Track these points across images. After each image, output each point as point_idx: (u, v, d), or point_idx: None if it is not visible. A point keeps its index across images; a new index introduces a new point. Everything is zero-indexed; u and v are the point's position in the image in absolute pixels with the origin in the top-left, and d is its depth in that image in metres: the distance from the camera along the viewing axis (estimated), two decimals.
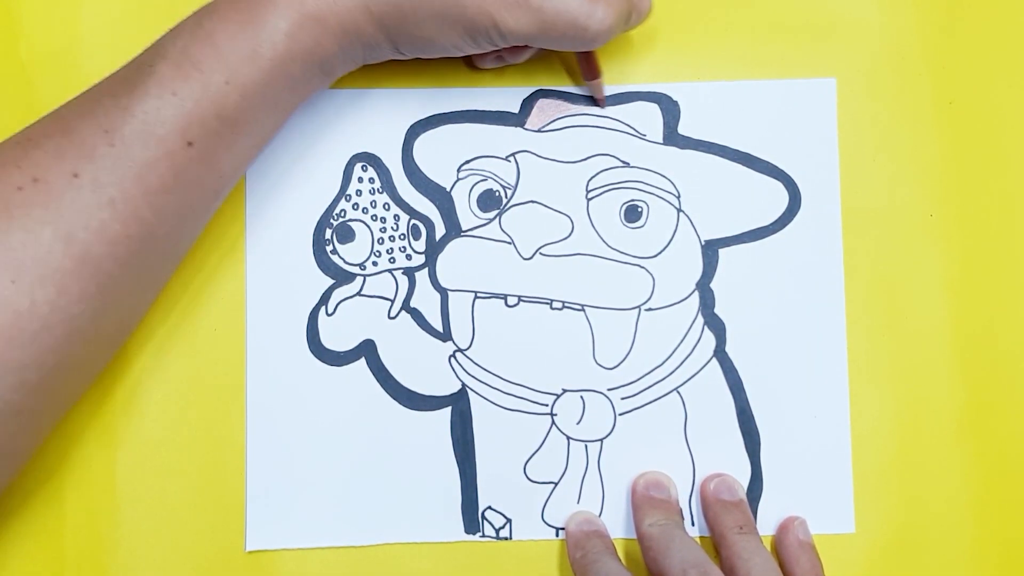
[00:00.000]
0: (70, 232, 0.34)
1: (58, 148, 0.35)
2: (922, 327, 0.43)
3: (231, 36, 0.36)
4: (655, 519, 0.40)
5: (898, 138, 0.44)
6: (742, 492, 0.42)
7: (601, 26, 0.39)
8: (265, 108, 0.38)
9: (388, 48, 0.39)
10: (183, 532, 0.42)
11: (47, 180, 0.35)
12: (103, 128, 0.35)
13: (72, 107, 0.37)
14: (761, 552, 0.39)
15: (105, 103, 0.36)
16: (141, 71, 0.36)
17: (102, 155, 0.35)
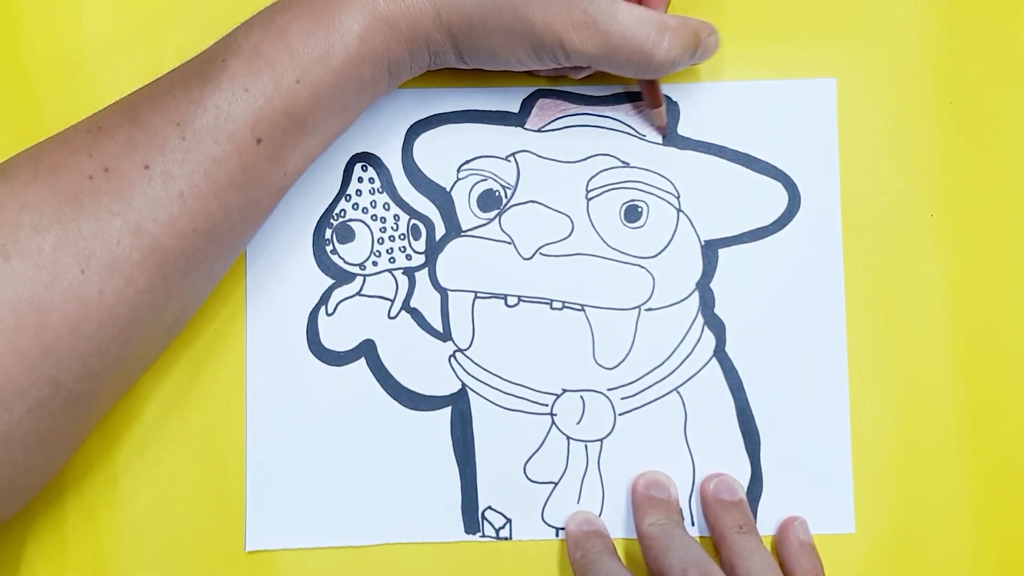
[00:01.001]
0: (139, 223, 0.35)
1: (129, 138, 0.35)
2: (922, 327, 0.43)
3: (304, 35, 0.36)
4: (655, 519, 0.41)
5: (898, 138, 0.44)
6: (742, 492, 0.42)
7: (667, 56, 0.39)
8: (334, 108, 0.38)
9: (453, 56, 0.40)
10: (183, 532, 0.42)
11: (118, 170, 0.35)
12: (175, 120, 0.35)
13: (143, 97, 0.37)
14: (761, 551, 0.39)
15: (177, 95, 0.36)
16: (213, 64, 0.36)
17: (173, 148, 0.35)
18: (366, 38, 0.37)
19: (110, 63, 0.44)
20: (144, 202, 0.35)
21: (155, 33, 0.44)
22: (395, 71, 0.39)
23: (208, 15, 0.44)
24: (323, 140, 0.39)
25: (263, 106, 0.36)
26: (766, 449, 0.43)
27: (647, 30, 0.38)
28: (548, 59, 0.39)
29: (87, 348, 0.34)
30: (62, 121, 0.43)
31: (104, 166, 0.35)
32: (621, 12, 0.38)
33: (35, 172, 0.35)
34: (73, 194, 0.34)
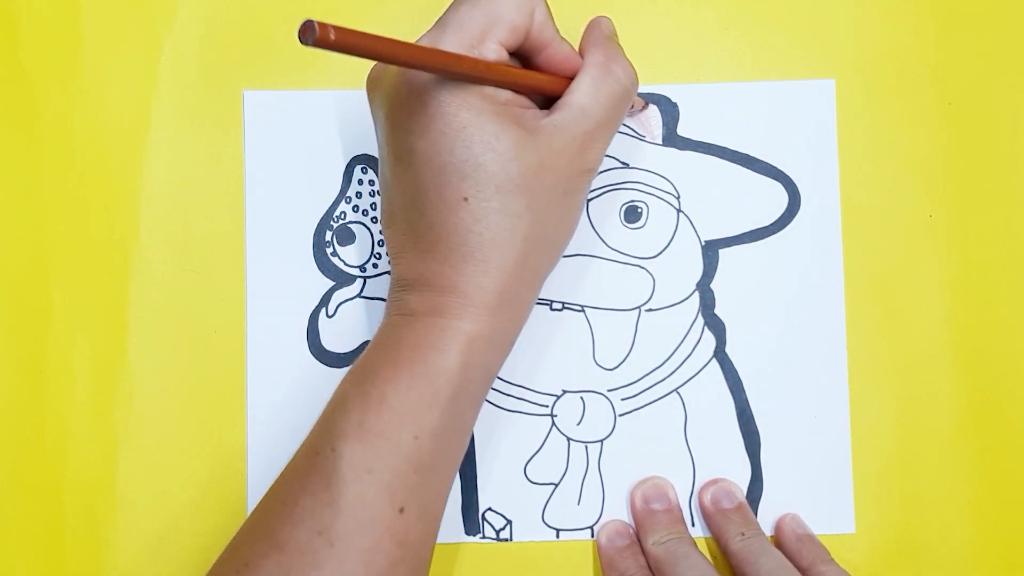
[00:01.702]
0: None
1: (280, 566, 0.34)
2: (922, 327, 0.43)
3: (404, 393, 0.35)
4: (658, 536, 0.40)
5: (897, 139, 0.44)
6: (741, 495, 0.42)
7: (630, 78, 0.38)
8: (457, 436, 0.37)
9: (542, 285, 0.39)
10: (183, 532, 0.42)
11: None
12: (316, 530, 0.34)
13: (273, 515, 0.35)
14: (767, 551, 0.39)
15: (306, 504, 0.34)
16: (326, 458, 0.35)
17: (326, 558, 0.34)
18: (467, 366, 0.35)
19: (110, 63, 0.44)
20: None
21: (155, 33, 0.44)
22: (502, 360, 0.38)
23: (208, 15, 0.44)
24: (456, 466, 0.38)
25: (392, 479, 0.34)
26: (766, 449, 0.43)
27: (606, 85, 0.37)
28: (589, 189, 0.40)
29: None
30: (62, 121, 0.43)
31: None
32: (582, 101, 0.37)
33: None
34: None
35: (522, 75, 0.36)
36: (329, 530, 0.34)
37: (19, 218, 0.43)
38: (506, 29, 0.35)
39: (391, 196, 0.37)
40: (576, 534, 0.43)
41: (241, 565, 0.35)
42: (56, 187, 0.43)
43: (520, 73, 0.36)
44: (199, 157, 0.44)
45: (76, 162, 0.43)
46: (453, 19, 0.35)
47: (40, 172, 0.43)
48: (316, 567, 0.33)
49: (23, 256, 0.43)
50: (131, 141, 0.44)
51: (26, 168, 0.43)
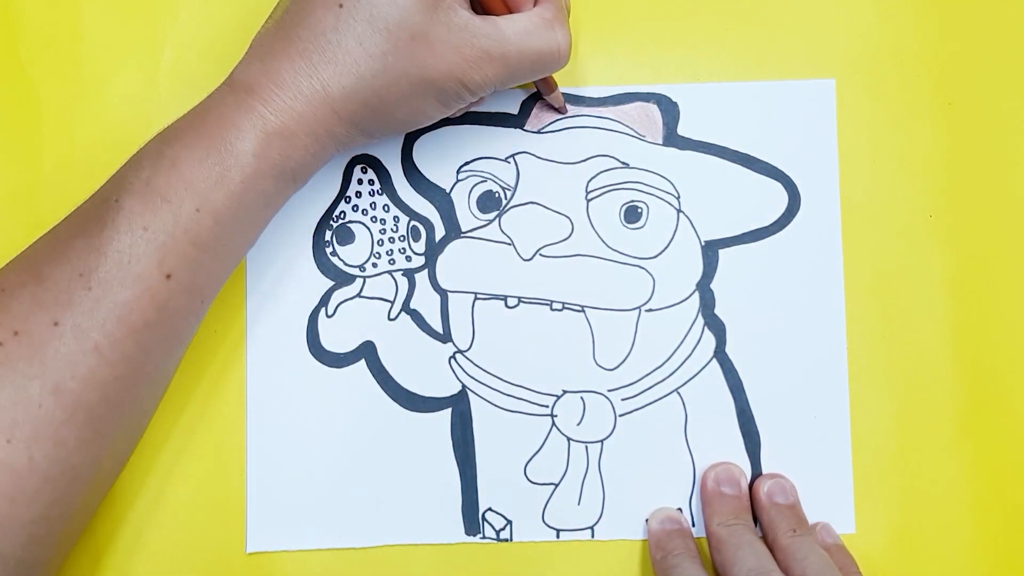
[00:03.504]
0: (58, 383, 0.34)
1: (34, 297, 0.34)
2: (922, 327, 0.43)
3: (197, 163, 0.35)
4: (724, 519, 0.41)
5: (897, 139, 0.44)
6: (795, 494, 0.42)
7: (565, 49, 0.39)
8: (240, 228, 0.37)
9: (361, 139, 0.39)
10: (183, 533, 0.42)
11: (28, 332, 0.34)
12: (78, 272, 0.34)
13: (42, 251, 0.36)
14: (815, 551, 0.39)
15: (76, 244, 0.35)
16: (108, 207, 0.35)
17: (81, 300, 0.34)
18: (262, 155, 0.36)
19: (110, 63, 0.44)
20: (59, 360, 0.34)
21: (156, 33, 0.44)
22: (300, 174, 0.38)
23: (209, 15, 0.44)
24: (234, 259, 0.38)
25: (166, 242, 0.35)
26: (766, 449, 0.43)
27: (538, 35, 0.38)
28: (455, 103, 0.39)
29: (28, 516, 0.34)
30: (62, 121, 0.43)
31: (13, 329, 0.34)
32: (506, 31, 0.37)
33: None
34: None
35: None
36: (90, 274, 0.34)
37: (19, 218, 0.43)
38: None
39: None
40: (576, 534, 0.43)
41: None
42: (56, 187, 0.43)
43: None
44: None
45: (76, 162, 0.43)
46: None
47: (40, 172, 0.43)
48: (68, 305, 0.34)
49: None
50: (131, 141, 0.43)
51: (26, 168, 0.43)
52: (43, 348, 0.34)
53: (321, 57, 0.36)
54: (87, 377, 0.34)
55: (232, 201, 0.36)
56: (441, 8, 0.36)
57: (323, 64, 0.36)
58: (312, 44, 0.36)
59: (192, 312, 0.37)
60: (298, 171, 0.38)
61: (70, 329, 0.34)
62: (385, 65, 0.36)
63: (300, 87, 0.36)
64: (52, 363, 0.34)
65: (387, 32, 0.36)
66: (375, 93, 0.37)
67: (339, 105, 0.37)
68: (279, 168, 0.37)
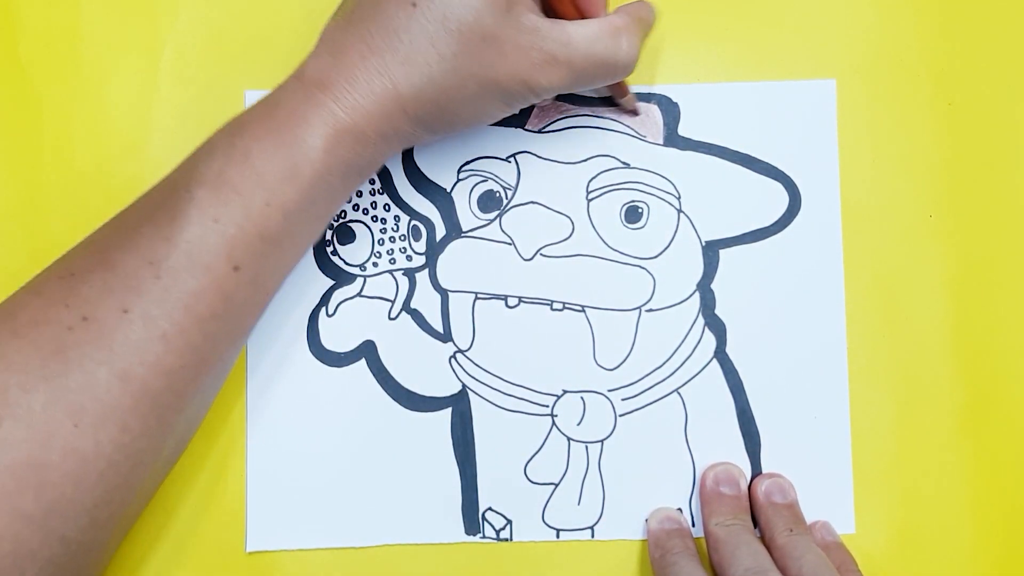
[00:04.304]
0: (126, 369, 0.34)
1: (104, 284, 0.34)
2: (922, 327, 0.43)
3: (268, 157, 0.36)
4: (722, 518, 0.41)
5: (898, 139, 0.44)
6: (793, 493, 0.42)
7: (629, 57, 0.39)
8: (307, 222, 0.37)
9: (426, 137, 0.39)
10: (183, 532, 0.42)
11: (97, 318, 0.34)
12: (147, 260, 0.35)
13: (111, 237, 0.36)
14: (812, 550, 0.39)
15: (146, 232, 0.35)
16: (178, 196, 0.35)
17: (150, 288, 0.34)
18: (332, 151, 0.36)
19: (110, 63, 0.44)
20: (127, 347, 0.34)
21: (156, 33, 0.44)
22: (366, 171, 0.38)
23: (210, 15, 0.44)
24: (299, 252, 0.39)
25: (236, 234, 0.35)
26: (766, 450, 0.43)
27: (604, 42, 0.38)
28: (520, 104, 0.39)
29: (91, 500, 0.34)
30: (62, 121, 0.43)
31: (83, 315, 0.34)
32: (574, 36, 0.38)
33: (14, 329, 0.34)
34: (56, 348, 0.34)
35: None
36: (160, 263, 0.34)
37: (19, 218, 0.43)
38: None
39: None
40: (576, 534, 0.43)
41: (67, 273, 0.35)
42: (56, 187, 0.43)
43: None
44: None
45: (76, 162, 0.43)
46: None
47: (40, 172, 0.43)
48: (137, 293, 0.34)
49: (23, 256, 0.43)
50: (131, 141, 0.44)
51: (26, 168, 0.43)
52: (112, 334, 0.34)
53: (393, 56, 0.36)
54: (154, 364, 0.34)
55: (301, 196, 0.36)
56: (513, 11, 0.37)
57: (395, 63, 0.36)
58: (384, 42, 0.36)
59: (257, 304, 0.38)
60: (365, 167, 0.38)
61: (139, 317, 0.34)
62: (455, 66, 0.36)
63: (372, 85, 0.36)
64: (120, 350, 0.34)
65: (459, 33, 0.36)
66: (444, 93, 0.37)
67: (408, 104, 0.37)
68: (347, 164, 0.37)
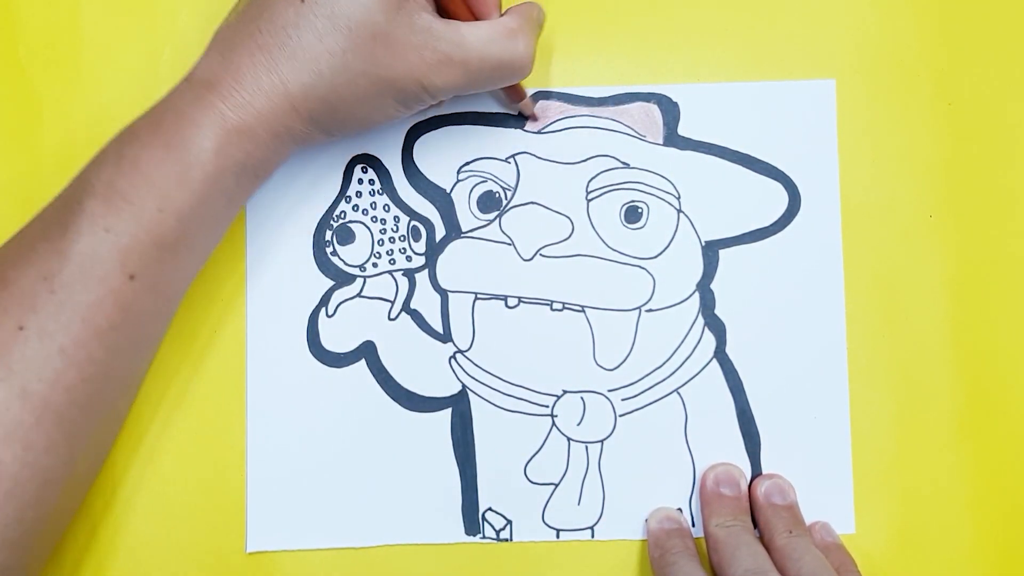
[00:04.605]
0: (24, 386, 0.34)
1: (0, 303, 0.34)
2: (922, 327, 0.43)
3: (157, 162, 0.35)
4: (722, 519, 0.41)
5: (897, 139, 0.44)
6: (793, 494, 0.42)
7: (526, 58, 0.39)
8: (203, 226, 0.37)
9: (321, 136, 0.39)
10: (183, 532, 0.42)
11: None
12: (41, 275, 0.34)
13: (6, 254, 0.36)
14: (811, 551, 0.39)
15: (39, 248, 0.35)
16: (70, 209, 0.35)
17: (44, 303, 0.34)
18: (223, 152, 0.36)
19: (109, 63, 0.44)
20: (25, 364, 0.34)
21: (154, 33, 0.44)
22: (261, 171, 0.38)
23: (209, 15, 0.44)
24: (200, 257, 0.38)
25: (129, 243, 0.35)
26: (766, 450, 0.43)
27: (499, 44, 0.38)
28: (415, 105, 0.39)
29: (1, 520, 0.34)
30: (62, 121, 0.43)
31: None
32: (468, 37, 0.38)
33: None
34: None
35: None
36: (54, 277, 0.34)
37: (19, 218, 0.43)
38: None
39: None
40: (576, 534, 0.43)
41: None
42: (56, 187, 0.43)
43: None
44: None
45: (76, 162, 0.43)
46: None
47: (40, 172, 0.43)
48: (34, 310, 0.34)
49: None
50: None
51: (26, 168, 0.43)
52: (8, 352, 0.34)
53: (281, 52, 0.36)
54: (53, 380, 0.34)
55: (194, 199, 0.36)
56: (404, 10, 0.36)
57: (283, 59, 0.36)
58: (272, 39, 0.36)
59: (158, 312, 0.37)
60: (259, 167, 0.38)
61: (35, 333, 0.34)
62: (344, 63, 0.36)
63: (260, 82, 0.36)
64: (18, 366, 0.34)
65: (348, 30, 0.36)
66: (334, 91, 0.37)
67: (298, 102, 0.37)
68: (240, 165, 0.37)
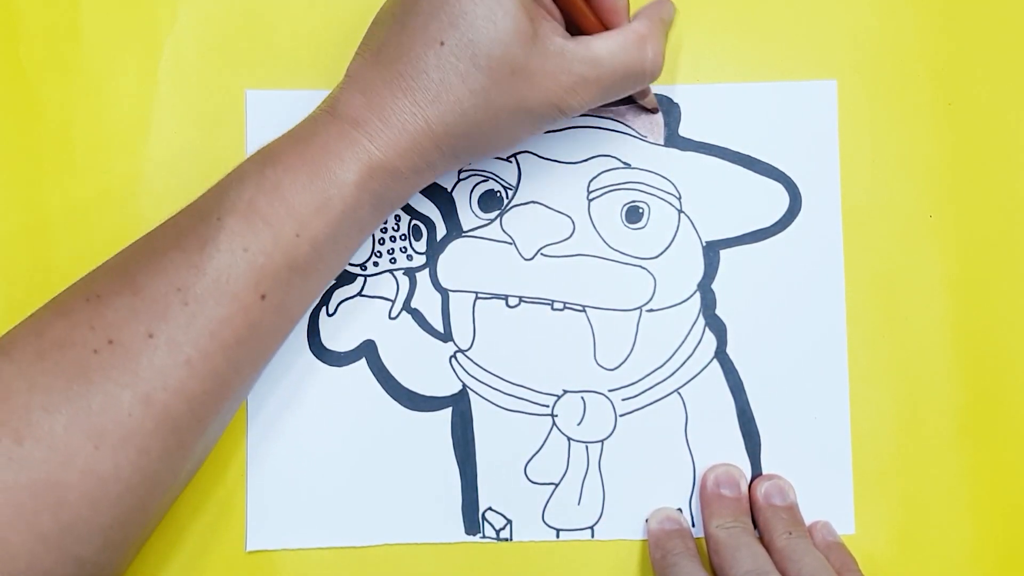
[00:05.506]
0: (149, 393, 0.34)
1: (131, 308, 0.35)
2: (922, 327, 0.43)
3: (299, 189, 0.36)
4: (723, 521, 0.41)
5: (898, 139, 0.44)
6: (793, 495, 0.42)
7: (655, 64, 0.39)
8: (336, 253, 0.38)
9: (456, 166, 0.40)
10: (183, 532, 0.42)
11: (122, 342, 0.34)
12: (175, 286, 0.35)
13: (138, 261, 0.36)
14: (811, 552, 0.39)
15: (174, 258, 0.35)
16: (208, 224, 0.35)
17: (176, 314, 0.34)
18: (364, 186, 0.36)
19: (110, 63, 0.44)
20: (152, 371, 0.34)
21: (155, 33, 0.44)
22: (396, 204, 0.39)
23: (209, 15, 0.44)
24: (327, 280, 0.39)
25: (264, 264, 0.35)
26: (766, 450, 0.43)
27: (630, 53, 0.38)
28: (549, 127, 0.40)
29: (107, 522, 0.34)
30: (62, 121, 0.43)
31: (108, 338, 0.34)
32: (600, 53, 0.38)
33: (40, 350, 0.34)
34: (80, 370, 0.34)
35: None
36: (188, 289, 0.35)
37: (19, 218, 0.43)
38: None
39: (380, 21, 0.38)
40: (576, 534, 0.43)
41: (93, 295, 0.35)
42: (56, 187, 0.43)
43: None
44: (201, 157, 0.43)
45: (76, 162, 0.43)
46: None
47: (40, 172, 0.43)
48: (164, 318, 0.34)
49: (23, 256, 0.43)
50: (131, 141, 0.44)
51: (26, 168, 0.43)
52: (137, 358, 0.34)
53: (424, 95, 0.36)
54: (177, 389, 0.34)
55: (331, 228, 0.36)
56: (539, 38, 0.36)
57: (426, 103, 0.36)
58: (415, 82, 0.36)
59: (281, 331, 0.38)
60: (395, 200, 0.38)
61: (164, 342, 0.34)
62: (487, 100, 0.36)
63: (405, 124, 0.36)
64: (144, 373, 0.34)
65: (489, 69, 0.36)
66: (477, 127, 0.37)
67: (441, 140, 0.37)
68: (379, 198, 0.37)
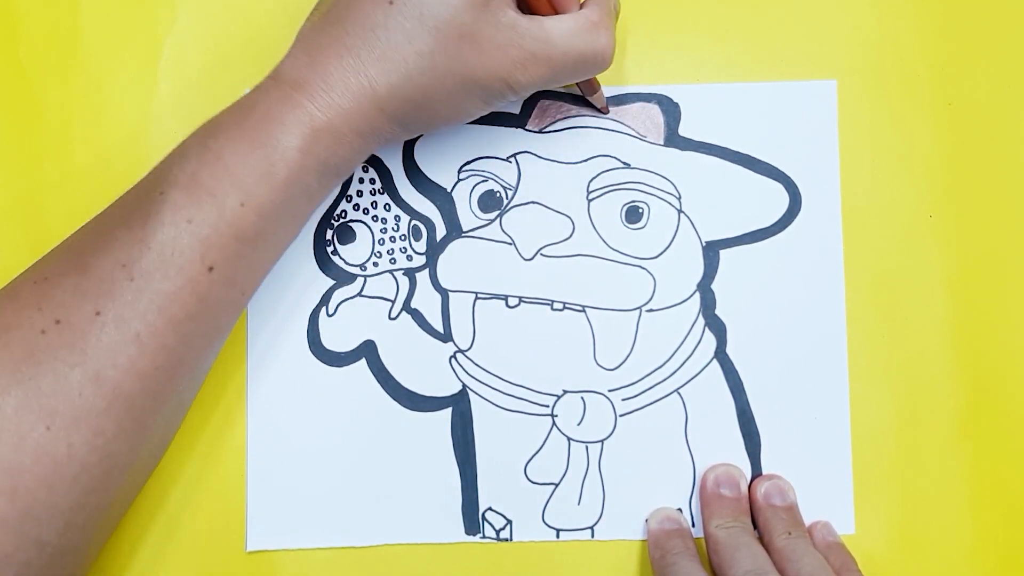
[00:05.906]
0: (99, 371, 0.34)
1: (77, 287, 0.34)
2: (922, 327, 0.43)
3: (242, 157, 0.36)
4: (722, 520, 0.41)
5: (898, 139, 0.44)
6: (793, 495, 0.42)
7: (608, 51, 0.39)
8: (283, 222, 0.37)
9: (403, 135, 0.39)
10: (183, 532, 0.42)
11: (70, 321, 0.34)
12: (120, 263, 0.34)
13: (85, 241, 0.36)
14: (810, 553, 0.39)
15: (119, 235, 0.35)
16: (152, 199, 0.35)
17: (122, 290, 0.34)
18: (308, 150, 0.36)
19: (110, 63, 0.44)
20: (100, 350, 0.34)
21: (155, 33, 0.44)
22: (343, 169, 0.38)
23: (209, 15, 0.44)
24: (276, 252, 0.38)
25: (210, 235, 0.35)
26: (766, 450, 0.43)
27: (582, 37, 0.38)
28: (498, 102, 0.39)
29: (66, 504, 0.34)
30: (62, 121, 0.43)
31: (55, 318, 0.34)
32: (552, 32, 0.38)
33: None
34: (28, 351, 0.34)
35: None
36: (133, 264, 0.34)
37: (19, 218, 0.43)
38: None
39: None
40: (576, 534, 0.43)
41: (40, 277, 0.35)
42: (56, 187, 0.43)
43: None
44: None
45: (76, 162, 0.43)
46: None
47: (40, 172, 0.43)
48: (110, 296, 0.34)
49: (23, 256, 0.43)
50: (131, 141, 0.44)
51: (26, 168, 0.43)
52: (84, 337, 0.34)
53: (369, 54, 0.36)
54: (127, 367, 0.34)
55: (276, 196, 0.36)
56: (490, 8, 0.37)
57: (371, 61, 0.36)
58: (361, 40, 0.36)
59: (232, 304, 0.37)
60: (341, 166, 0.38)
61: (112, 319, 0.34)
62: (432, 63, 0.36)
63: (348, 84, 0.36)
64: (93, 352, 0.34)
65: (436, 30, 0.36)
66: (421, 91, 0.37)
67: (385, 102, 0.37)
68: (324, 164, 0.37)
